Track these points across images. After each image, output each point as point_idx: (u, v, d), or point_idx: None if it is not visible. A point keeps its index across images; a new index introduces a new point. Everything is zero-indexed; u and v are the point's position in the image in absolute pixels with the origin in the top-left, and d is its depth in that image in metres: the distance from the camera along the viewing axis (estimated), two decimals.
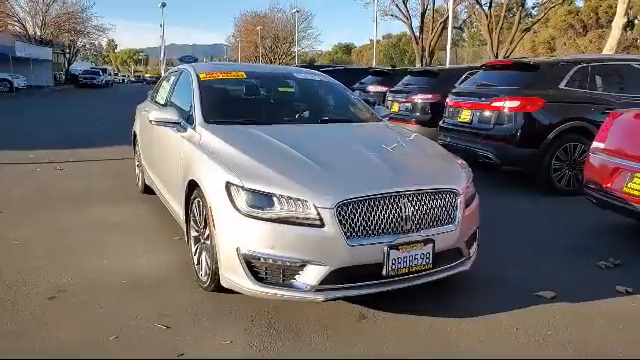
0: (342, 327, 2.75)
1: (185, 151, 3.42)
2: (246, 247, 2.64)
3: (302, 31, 51.99)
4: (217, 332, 2.67)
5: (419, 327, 2.75)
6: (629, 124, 4.07)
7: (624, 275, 3.47)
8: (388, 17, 32.71)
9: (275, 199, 2.63)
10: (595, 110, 5.60)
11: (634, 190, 3.71)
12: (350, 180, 2.76)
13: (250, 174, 2.74)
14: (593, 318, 2.89)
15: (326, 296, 2.63)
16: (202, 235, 3.12)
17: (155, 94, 5.17)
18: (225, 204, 2.72)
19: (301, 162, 2.90)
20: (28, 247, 3.87)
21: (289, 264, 2.61)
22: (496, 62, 7.05)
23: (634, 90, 5.82)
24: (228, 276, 2.76)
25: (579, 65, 5.77)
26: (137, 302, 3.00)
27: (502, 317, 2.88)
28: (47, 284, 3.21)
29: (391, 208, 2.67)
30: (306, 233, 2.58)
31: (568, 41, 44.16)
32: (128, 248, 3.90)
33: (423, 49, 29.51)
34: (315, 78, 4.47)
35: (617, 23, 14.74)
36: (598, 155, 4.19)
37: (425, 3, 28.92)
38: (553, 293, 3.15)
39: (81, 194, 5.53)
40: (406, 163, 3.11)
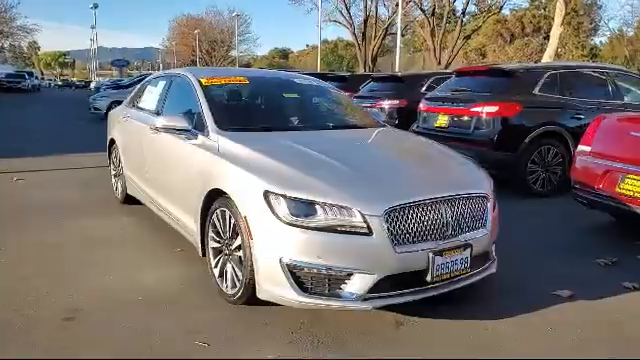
0: (383, 334, 2.73)
1: (200, 160, 3.27)
2: (290, 257, 2.56)
3: (240, 35, 51.47)
4: (262, 347, 2.57)
5: (457, 330, 2.78)
6: (616, 128, 4.34)
7: (624, 271, 3.66)
8: (332, 23, 33.15)
9: (318, 207, 2.56)
10: (566, 115, 5.93)
11: (627, 191, 3.94)
12: (393, 187, 2.74)
13: (290, 182, 2.66)
14: (614, 313, 3.03)
15: (373, 305, 2.59)
16: (227, 246, 2.99)
17: (137, 100, 4.91)
18: (265, 214, 2.62)
19: (337, 169, 2.85)
20: (19, 266, 3.55)
21: (335, 273, 2.56)
22: (468, 68, 7.30)
23: (597, 96, 6.22)
24: (268, 288, 2.66)
25: (550, 72, 6.09)
26: (162, 319, 2.83)
27: (532, 318, 2.95)
28: (57, 305, 2.95)
29: (433, 214, 2.68)
30: (353, 241, 2.54)
31: (498, 48, 46.56)
32: (129, 263, 3.68)
33: (366, 55, 30.11)
34: (313, 83, 4.42)
35: (554, 33, 15.72)
36: (585, 158, 4.42)
37: (368, 10, 29.54)
38: (569, 292, 3.27)
39: (54, 206, 5.15)
40: (438, 169, 3.14)
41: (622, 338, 2.75)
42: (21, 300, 3.00)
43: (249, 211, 2.71)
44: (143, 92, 4.86)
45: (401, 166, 3.06)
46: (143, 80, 5.23)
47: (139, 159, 4.36)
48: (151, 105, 4.44)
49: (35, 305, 2.94)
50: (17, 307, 2.91)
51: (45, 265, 3.58)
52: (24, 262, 3.63)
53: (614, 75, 6.51)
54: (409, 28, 37.46)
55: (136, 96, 5.03)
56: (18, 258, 3.70)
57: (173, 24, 60.97)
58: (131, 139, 4.62)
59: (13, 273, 3.42)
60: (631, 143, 4.02)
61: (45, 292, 3.12)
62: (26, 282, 3.26)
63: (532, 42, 44.30)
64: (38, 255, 3.78)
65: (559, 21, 15.52)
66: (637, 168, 3.92)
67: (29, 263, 3.61)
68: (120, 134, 4.94)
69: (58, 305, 2.95)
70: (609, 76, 6.43)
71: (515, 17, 46.30)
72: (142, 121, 4.37)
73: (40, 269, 3.50)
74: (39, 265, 3.57)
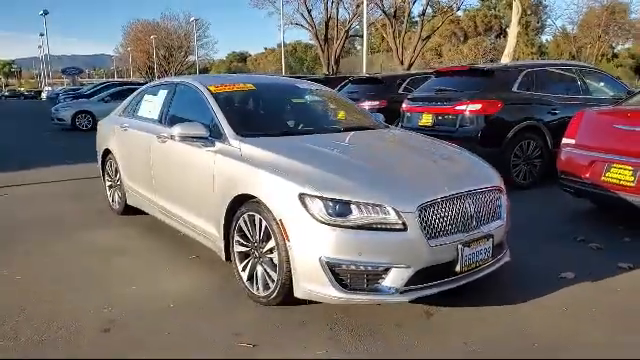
0: (415, 325, 2.87)
1: (222, 166, 3.33)
2: (329, 255, 2.67)
3: (198, 40, 50.87)
4: (307, 344, 2.66)
5: (485, 317, 2.95)
6: (599, 121, 4.66)
7: (615, 253, 3.94)
8: (292, 26, 33.30)
9: (353, 206, 2.69)
10: (543, 110, 6.27)
11: (613, 179, 4.25)
12: (421, 183, 2.90)
13: (323, 184, 2.77)
14: (618, 290, 3.29)
15: (410, 297, 2.74)
16: (257, 250, 3.07)
17: (134, 109, 4.89)
18: (301, 215, 2.73)
19: (364, 169, 2.99)
20: (37, 282, 3.51)
21: (373, 269, 2.68)
22: (448, 69, 7.58)
23: (569, 92, 6.60)
24: (307, 286, 2.76)
25: (526, 70, 6.43)
26: (201, 324, 2.88)
27: (546, 300, 3.17)
28: (90, 317, 2.96)
29: (459, 208, 2.85)
30: (389, 237, 2.68)
31: (452, 48, 47.96)
32: (147, 272, 3.69)
33: (329, 57, 30.42)
34: (313, 87, 4.54)
35: (512, 32, 16.38)
36: (571, 149, 4.72)
37: (329, 13, 29.86)
38: (572, 274, 3.52)
39: (50, 220, 5.07)
40: (455, 165, 3.32)
41: (632, 311, 3.00)
42: (55, 315, 2.99)
43: (284, 214, 2.80)
44: (141, 101, 4.84)
45: (421, 163, 3.24)
46: (109, 88, 5.21)
47: (144, 168, 4.35)
48: (153, 114, 4.45)
49: (71, 319, 2.94)
50: (52, 322, 2.90)
51: (63, 279, 3.55)
52: (40, 278, 3.59)
53: (582, 72, 6.93)
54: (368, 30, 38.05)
55: (132, 105, 5.01)
56: (33, 274, 3.65)
57: (127, 30, 59.64)
58: (133, 149, 4.61)
59: (34, 290, 3.38)
60: (615, 135, 4.33)
61: (74, 306, 3.11)
62: (52, 297, 3.24)
63: (485, 41, 45.83)
64: (51, 270, 3.74)
65: (516, 20, 16.21)
66: (621, 158, 4.23)
67: (46, 278, 3.58)
68: (118, 144, 4.90)
69: (93, 318, 2.96)
70: (578, 73, 6.84)
71: (468, 17, 47.81)
72: (146, 130, 4.37)
73: (60, 284, 3.47)
74: (57, 280, 3.54)
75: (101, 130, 5.48)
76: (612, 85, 7.14)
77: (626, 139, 4.22)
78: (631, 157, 4.14)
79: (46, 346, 2.66)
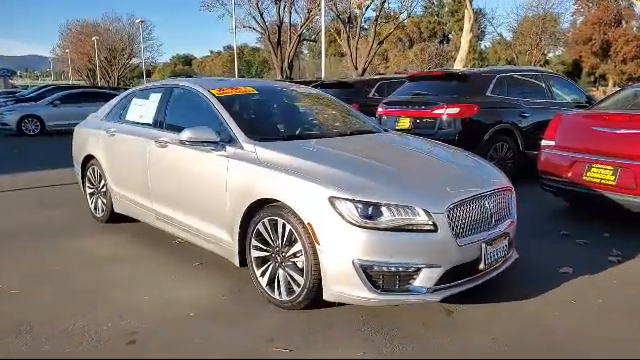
0: (440, 323, 2.94)
1: (237, 171, 3.27)
2: (362, 257, 2.70)
3: (143, 42, 49.32)
4: (341, 346, 2.68)
5: (501, 312, 3.06)
6: (577, 123, 4.95)
7: (602, 248, 4.19)
8: (245, 29, 32.98)
9: (384, 208, 2.73)
10: (514, 113, 6.58)
11: (594, 178, 4.53)
12: (447, 185, 2.97)
13: (352, 187, 2.79)
14: (616, 284, 3.51)
15: (441, 296, 2.80)
16: (279, 254, 3.05)
17: (122, 114, 4.72)
18: (332, 218, 2.74)
19: (388, 171, 3.04)
20: (36, 295, 3.32)
21: (404, 270, 2.73)
22: (422, 73, 7.78)
23: (536, 96, 6.96)
24: (339, 289, 2.77)
25: (498, 75, 6.72)
26: (228, 331, 2.83)
27: (553, 294, 3.32)
28: (109, 330, 2.84)
29: (481, 208, 2.96)
30: (420, 238, 2.74)
31: (399, 53, 49.17)
32: (152, 281, 3.58)
33: (282, 60, 30.36)
34: (312, 91, 4.56)
35: (465, 38, 17.02)
36: (551, 151, 4.99)
37: (281, 17, 29.79)
38: (570, 269, 3.72)
39: (30, 229, 4.80)
40: (470, 166, 3.43)
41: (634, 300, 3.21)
42: (70, 330, 2.84)
43: (313, 217, 2.80)
44: (128, 106, 4.67)
45: (439, 165, 3.33)
46: (55, 91, 5.03)
47: (138, 174, 4.20)
48: (146, 118, 4.30)
49: (89, 332, 2.81)
50: (70, 337, 2.76)
51: (63, 291, 3.38)
52: (39, 291, 3.39)
53: (546, 77, 7.32)
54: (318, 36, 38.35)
55: (117, 110, 4.82)
56: (29, 287, 3.45)
57: (65, 30, 56.90)
58: (123, 154, 4.43)
59: (36, 304, 3.19)
60: (594, 137, 4.62)
61: (87, 319, 2.97)
62: (58, 311, 3.07)
63: (429, 46, 47.28)
64: (48, 282, 3.55)
65: (468, 27, 16.87)
66: (601, 158, 4.51)
67: (45, 291, 3.38)
68: (103, 150, 4.70)
69: (113, 330, 2.84)
70: (543, 78, 7.22)
71: (413, 23, 49.16)
72: (139, 135, 4.22)
73: (62, 296, 3.30)
74: (57, 292, 3.37)
75: (80, 135, 5.23)
76: (571, 90, 7.59)
77: (606, 140, 4.50)
78: (611, 157, 4.43)
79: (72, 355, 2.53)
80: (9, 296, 3.31)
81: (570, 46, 52.13)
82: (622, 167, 4.34)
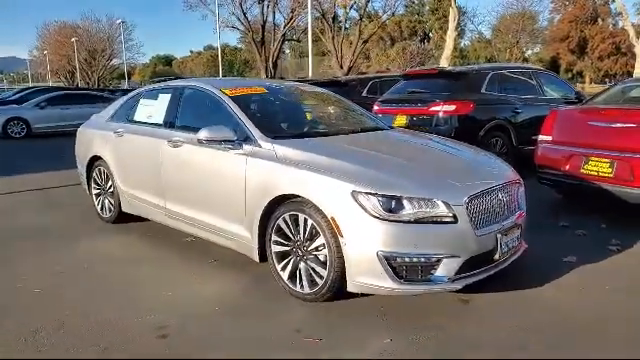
0: (460, 312, 3.06)
1: (256, 169, 3.34)
2: (385, 249, 2.80)
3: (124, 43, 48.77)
4: (367, 334, 2.78)
5: (515, 300, 3.19)
6: (573, 118, 5.13)
7: (600, 237, 4.37)
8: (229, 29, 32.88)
9: (406, 201, 2.83)
10: (508, 109, 6.76)
11: (591, 171, 4.70)
12: (464, 177, 3.10)
13: (374, 181, 2.89)
14: (618, 270, 3.67)
15: (461, 284, 2.92)
16: (301, 248, 3.13)
17: (128, 114, 4.75)
18: (356, 212, 2.83)
19: (407, 166, 3.17)
20: (59, 293, 3.36)
21: (426, 260, 2.84)
22: (417, 72, 7.91)
23: (527, 92, 7.15)
24: (363, 280, 2.87)
25: (491, 73, 6.89)
26: (257, 325, 2.91)
27: (563, 281, 3.47)
28: (139, 325, 2.90)
29: (495, 200, 3.09)
30: (441, 229, 2.85)
31: (380, 52, 49.49)
32: (172, 278, 3.63)
33: (267, 60, 30.36)
34: (318, 91, 4.65)
35: (450, 37, 17.30)
36: (548, 145, 5.16)
37: (264, 16, 29.78)
38: (574, 257, 3.87)
39: (38, 230, 4.82)
40: (483, 161, 3.56)
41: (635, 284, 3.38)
42: (100, 326, 2.89)
43: (337, 212, 2.89)
44: (135, 106, 4.70)
45: (453, 159, 3.46)
46: (39, 93, 5.05)
47: (149, 174, 4.24)
48: (156, 118, 4.35)
49: (120, 327, 2.86)
50: (102, 333, 2.81)
51: (86, 289, 3.42)
52: (61, 290, 3.43)
53: (536, 74, 7.52)
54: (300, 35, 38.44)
55: (123, 111, 4.85)
56: (51, 286, 3.48)
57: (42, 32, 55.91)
58: (134, 154, 4.46)
59: (62, 302, 3.23)
60: (590, 131, 4.80)
61: (114, 315, 3.02)
62: (85, 309, 3.11)
63: (410, 45, 47.68)
64: (68, 281, 3.58)
65: (453, 26, 17.15)
66: (598, 151, 4.69)
67: (67, 290, 3.42)
68: (112, 150, 4.72)
69: (143, 325, 2.90)
70: (533, 75, 7.42)
71: (394, 22, 49.50)
72: (150, 135, 4.27)
73: (85, 294, 3.34)
74: (80, 290, 3.41)
75: (85, 137, 5.24)
76: (560, 86, 7.81)
77: (602, 134, 4.68)
78: (608, 150, 4.61)
79: (111, 353, 2.59)
80: (34, 295, 3.34)
81: (548, 43, 53.11)
82: (619, 160, 4.52)
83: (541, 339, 2.71)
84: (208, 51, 66.63)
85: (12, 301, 3.26)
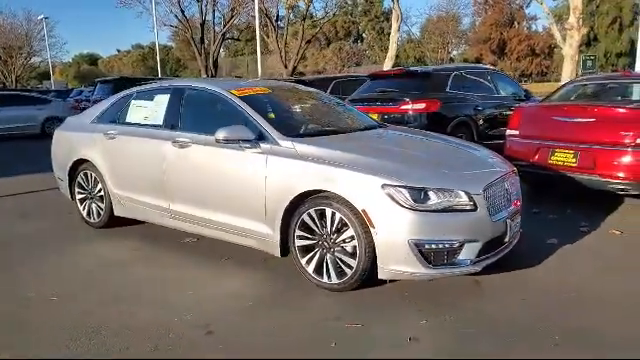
0: (474, 292, 3.33)
1: (277, 167, 3.45)
2: (416, 237, 3.02)
3: (44, 40, 45.85)
4: (402, 318, 2.99)
5: (518, 278, 3.51)
6: (538, 114, 5.62)
7: (570, 220, 4.86)
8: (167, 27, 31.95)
9: (431, 192, 3.07)
10: (469, 107, 7.23)
11: (557, 161, 5.19)
12: (477, 168, 3.39)
13: (401, 175, 3.11)
14: (595, 247, 4.13)
15: (481, 266, 3.20)
16: (328, 241, 3.29)
17: (119, 116, 4.66)
18: (387, 204, 3.04)
19: (424, 159, 3.42)
20: (77, 300, 3.30)
21: (450, 246, 3.09)
22: (384, 72, 8.22)
23: (485, 91, 7.67)
24: (395, 267, 3.08)
25: (454, 73, 7.33)
26: (296, 316, 3.04)
27: (551, 262, 3.84)
28: (181, 324, 2.93)
29: (503, 188, 3.40)
30: (463, 217, 3.12)
31: (316, 52, 50.02)
32: (191, 278, 3.65)
33: (207, 60, 29.82)
34: (312, 91, 4.81)
35: (393, 38, 17.90)
36: (516, 139, 5.63)
37: (204, 15, 29.20)
38: (555, 239, 4.29)
39: (26, 237, 4.64)
40: (485, 154, 3.86)
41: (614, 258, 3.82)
42: (142, 327, 2.91)
43: (367, 204, 3.08)
44: (126, 108, 4.62)
45: (459, 153, 3.74)
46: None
47: (150, 175, 4.21)
48: (154, 120, 4.32)
49: (161, 328, 2.88)
50: (143, 335, 2.83)
51: (104, 294, 3.38)
52: (79, 296, 3.37)
53: (492, 74, 8.09)
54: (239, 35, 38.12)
55: (112, 112, 4.74)
56: (66, 293, 3.40)
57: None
58: (130, 156, 4.39)
59: (88, 306, 3.19)
60: (555, 126, 5.29)
61: (148, 317, 3.03)
62: (112, 313, 3.09)
63: (345, 45, 48.56)
64: (82, 286, 3.52)
65: (396, 27, 17.76)
66: (562, 144, 5.19)
67: (85, 295, 3.36)
68: (102, 153, 4.60)
69: (185, 324, 2.94)
70: (489, 75, 7.97)
71: (329, 22, 50.14)
72: (150, 136, 4.23)
73: (106, 298, 3.31)
74: (100, 294, 3.36)
75: (65, 140, 5.07)
76: (511, 85, 8.42)
77: (566, 128, 5.18)
78: (571, 142, 5.11)
79: (163, 353, 2.63)
80: (52, 303, 3.26)
81: (472, 45, 55.98)
82: (582, 151, 5.03)
83: (547, 311, 3.03)
84: (137, 50, 64.23)
85: (31, 311, 3.16)
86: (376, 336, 2.78)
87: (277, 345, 2.71)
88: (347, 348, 2.66)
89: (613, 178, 4.82)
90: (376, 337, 2.77)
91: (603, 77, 6.45)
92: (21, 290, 3.47)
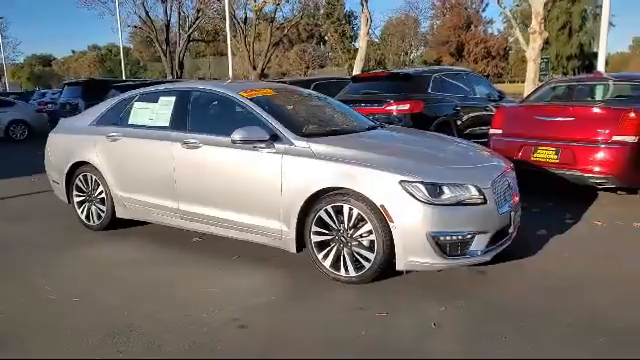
0: (482, 281, 3.55)
1: (293, 166, 3.57)
2: (433, 230, 3.21)
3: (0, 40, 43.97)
4: (422, 305, 3.17)
5: (519, 267, 3.76)
6: (520, 114, 5.95)
7: (554, 213, 5.18)
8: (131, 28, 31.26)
9: (445, 187, 3.27)
10: (449, 107, 7.51)
11: (540, 158, 5.52)
12: (483, 164, 3.62)
13: (416, 171, 3.29)
14: (585, 236, 4.44)
15: (490, 255, 3.42)
16: (345, 236, 3.43)
17: (120, 117, 4.66)
18: (405, 199, 3.22)
19: (434, 156, 3.64)
20: (101, 300, 3.34)
21: (463, 237, 3.30)
22: (367, 75, 8.42)
23: (462, 92, 7.98)
24: (413, 259, 3.26)
25: (434, 75, 7.62)
26: (322, 308, 3.17)
27: (547, 249, 4.11)
28: (211, 320, 3.02)
29: (505, 183, 3.64)
30: (474, 210, 3.33)
31: (280, 54, 49.96)
32: (207, 276, 3.72)
33: (172, 61, 29.37)
34: (312, 93, 4.95)
35: (362, 40, 18.20)
36: (500, 138, 5.94)
37: (168, 16, 28.77)
38: (544, 230, 4.59)
39: (26, 240, 4.58)
40: (485, 151, 4.10)
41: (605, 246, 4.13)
42: (172, 325, 2.97)
43: (385, 200, 3.25)
44: (129, 110, 4.62)
45: (463, 150, 3.97)
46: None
47: (158, 176, 4.25)
48: (159, 121, 4.35)
49: (195, 324, 2.96)
50: (182, 330, 2.90)
51: (128, 293, 3.42)
52: (101, 295, 3.39)
53: (468, 76, 8.43)
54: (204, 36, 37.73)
55: (113, 114, 4.73)
56: (87, 293, 3.42)
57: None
58: (136, 157, 4.40)
59: (113, 306, 3.22)
60: (537, 124, 5.62)
61: (176, 314, 3.10)
62: (144, 310, 3.15)
63: (308, 47, 48.77)
64: (100, 286, 3.53)
65: (365, 30, 18.08)
66: (544, 141, 5.52)
67: (108, 295, 3.40)
68: (104, 155, 4.59)
69: (216, 319, 3.02)
70: (466, 76, 8.30)
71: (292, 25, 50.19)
72: (157, 138, 4.27)
73: (128, 298, 3.35)
74: (122, 294, 3.40)
75: (62, 142, 5.02)
76: (486, 86, 8.79)
77: (547, 127, 5.52)
78: (553, 140, 5.45)
79: (203, 349, 2.71)
80: (76, 304, 3.27)
81: (432, 47, 57.37)
82: (562, 148, 5.37)
83: (553, 295, 3.28)
84: (93, 51, 62.41)
85: (58, 313, 3.17)
86: (402, 323, 2.95)
87: (312, 335, 2.83)
88: (377, 335, 2.81)
89: (592, 173, 5.18)
90: (402, 324, 2.94)
91: (577, 79, 6.87)
92: (40, 293, 3.46)
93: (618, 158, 5.03)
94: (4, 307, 3.25)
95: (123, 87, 11.64)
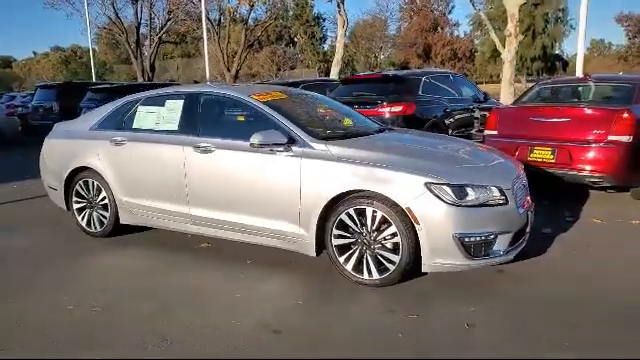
0: (502, 279, 3.61)
1: (313, 169, 3.56)
2: (459, 231, 3.25)
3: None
4: (450, 306, 3.20)
5: (537, 264, 3.84)
6: (515, 115, 6.08)
7: (554, 212, 5.32)
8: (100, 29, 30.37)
9: (469, 189, 3.31)
10: (439, 109, 7.63)
11: (536, 158, 5.66)
12: (501, 165, 3.69)
13: (442, 173, 3.32)
14: (586, 234, 4.57)
15: (512, 255, 3.48)
16: (367, 239, 3.44)
17: (125, 121, 4.53)
18: (431, 201, 3.24)
19: (454, 157, 3.69)
20: (122, 309, 3.24)
21: (486, 237, 3.35)
22: (357, 77, 8.44)
23: (450, 94, 8.12)
24: (440, 260, 3.28)
25: (424, 77, 7.71)
26: (352, 310, 3.17)
27: (555, 247, 4.22)
28: (243, 325, 2.98)
29: (522, 184, 3.72)
30: (497, 210, 3.38)
31: (250, 55, 49.58)
32: (226, 281, 3.66)
33: (143, 63, 28.74)
34: (319, 96, 4.95)
35: (340, 42, 18.26)
36: (496, 139, 6.05)
37: (139, 17, 28.11)
38: (549, 229, 4.71)
39: (30, 250, 4.40)
40: (498, 152, 4.15)
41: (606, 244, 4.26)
42: (207, 331, 2.92)
43: (411, 202, 3.26)
44: (132, 114, 4.50)
45: (476, 152, 4.02)
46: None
47: (167, 181, 4.15)
48: (167, 125, 4.25)
49: (227, 330, 2.92)
50: (216, 336, 2.85)
51: (150, 300, 3.33)
52: (122, 304, 3.30)
53: (455, 78, 8.57)
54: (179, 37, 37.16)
55: (117, 118, 4.59)
56: (107, 302, 3.31)
57: None
58: (144, 162, 4.27)
59: (137, 315, 3.14)
60: (532, 125, 5.76)
61: (206, 320, 3.05)
62: (171, 318, 3.07)
63: (278, 49, 48.59)
64: (119, 295, 3.43)
65: (342, 32, 18.14)
66: (540, 142, 5.66)
67: (130, 303, 3.31)
68: (109, 160, 4.45)
69: (248, 324, 2.98)
70: (453, 78, 8.44)
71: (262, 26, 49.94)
72: (167, 142, 4.17)
73: (153, 304, 3.27)
74: (144, 301, 3.32)
75: (61, 148, 4.85)
76: (471, 88, 8.97)
77: (543, 127, 5.66)
78: (549, 140, 5.60)
79: (243, 353, 2.66)
80: (97, 314, 3.17)
81: (399, 48, 58.03)
82: (558, 148, 5.52)
83: (575, 290, 3.37)
84: (56, 52, 60.46)
85: (83, 322, 3.07)
86: (435, 325, 2.98)
87: (353, 338, 2.82)
88: (415, 337, 2.82)
89: (588, 172, 5.34)
90: (436, 326, 2.97)
91: (566, 80, 7.08)
92: (56, 303, 3.33)
93: (613, 157, 5.20)
94: (34, 323, 3.12)
95: (99, 90, 11.36)
